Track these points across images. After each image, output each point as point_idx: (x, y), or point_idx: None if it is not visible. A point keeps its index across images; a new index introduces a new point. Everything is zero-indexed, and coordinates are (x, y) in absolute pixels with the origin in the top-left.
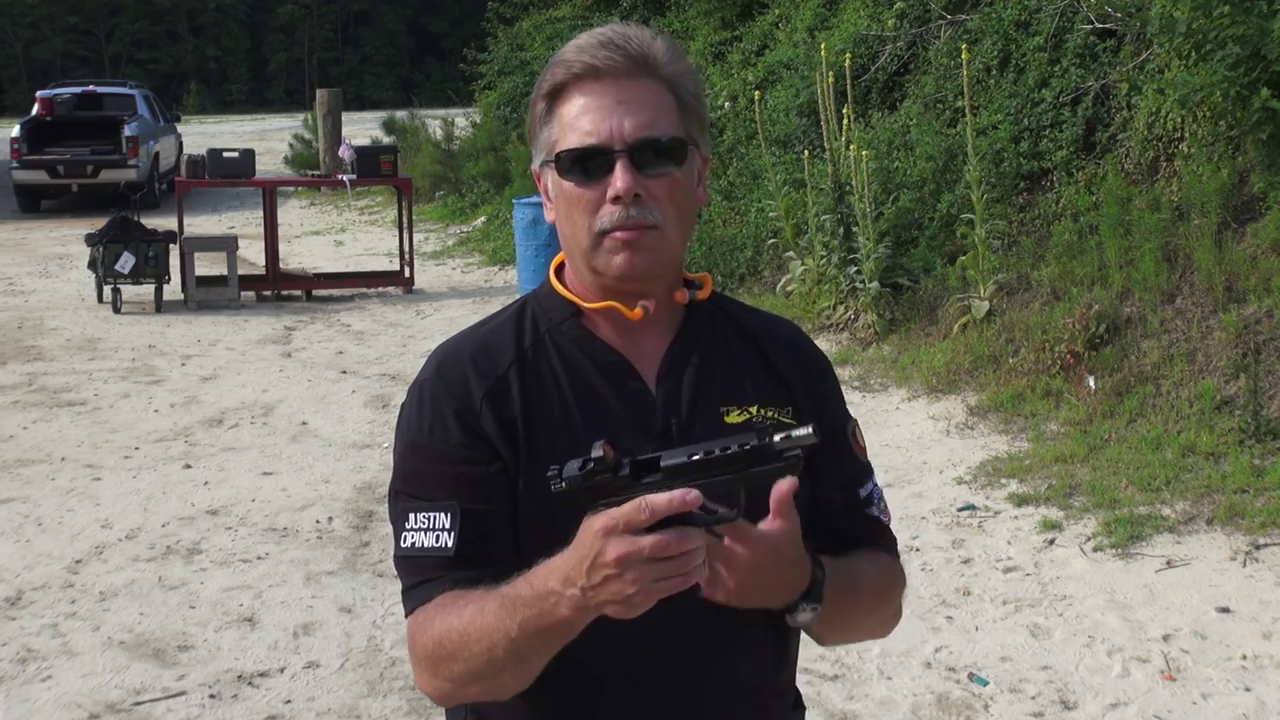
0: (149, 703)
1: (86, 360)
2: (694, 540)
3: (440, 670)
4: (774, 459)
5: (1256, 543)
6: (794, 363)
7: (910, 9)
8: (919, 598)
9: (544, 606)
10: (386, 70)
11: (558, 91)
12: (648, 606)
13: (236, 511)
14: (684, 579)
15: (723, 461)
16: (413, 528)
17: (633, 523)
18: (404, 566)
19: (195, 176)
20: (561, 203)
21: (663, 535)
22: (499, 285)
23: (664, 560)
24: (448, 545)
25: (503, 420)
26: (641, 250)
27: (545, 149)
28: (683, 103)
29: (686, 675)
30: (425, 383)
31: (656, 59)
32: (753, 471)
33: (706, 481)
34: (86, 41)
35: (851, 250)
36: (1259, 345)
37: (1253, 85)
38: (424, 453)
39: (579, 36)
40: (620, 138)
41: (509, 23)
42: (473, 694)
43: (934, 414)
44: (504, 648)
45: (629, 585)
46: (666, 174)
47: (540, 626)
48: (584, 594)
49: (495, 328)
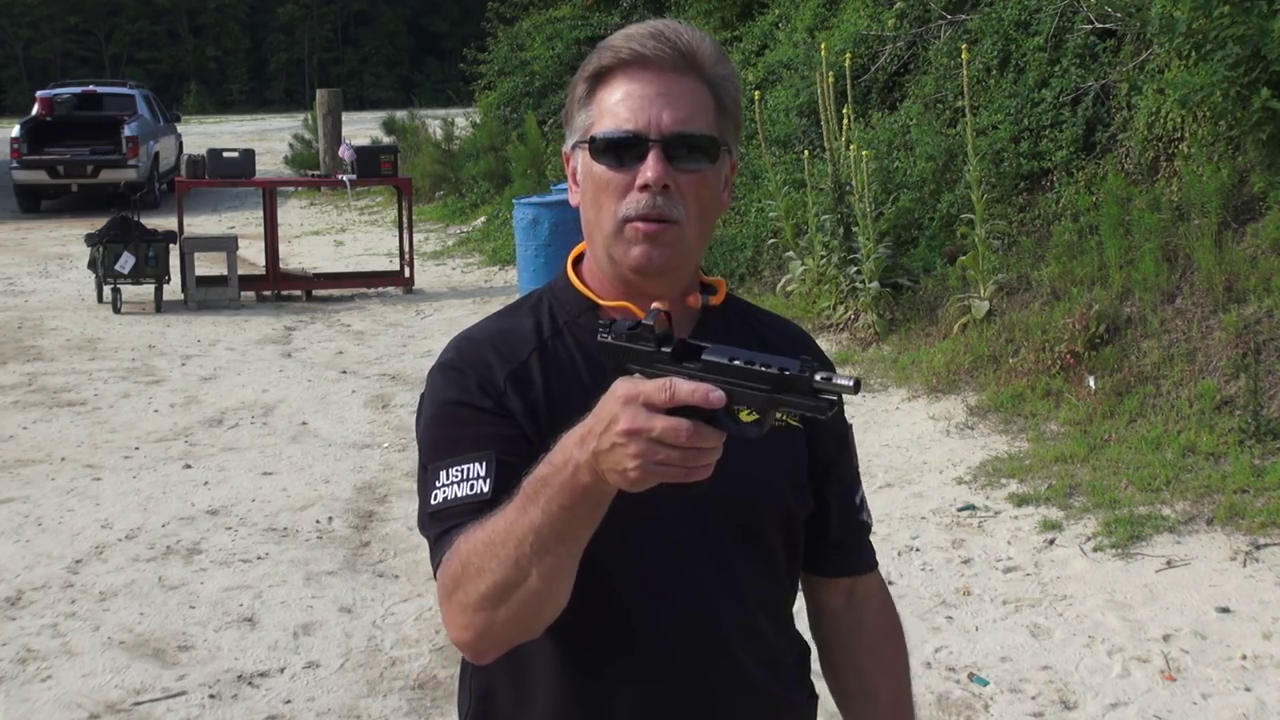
0: (149, 703)
1: (86, 360)
2: (706, 438)
3: (469, 593)
4: (807, 393)
5: (1256, 543)
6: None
7: (910, 9)
8: (919, 598)
9: (563, 476)
10: (386, 70)
11: (601, 75)
12: (645, 485)
13: (236, 511)
14: (685, 471)
15: (758, 376)
16: (445, 484)
17: (653, 399)
18: (434, 522)
19: (195, 176)
20: (590, 185)
21: (677, 421)
22: (499, 285)
23: (670, 446)
24: (484, 491)
25: (526, 401)
26: (661, 245)
27: (580, 130)
28: (721, 105)
29: (705, 629)
30: (446, 363)
31: (703, 58)
32: (783, 398)
33: (736, 388)
34: (86, 41)
35: (851, 250)
36: (1259, 345)
37: (1253, 85)
38: (451, 418)
39: (629, 26)
40: (657, 128)
41: (509, 23)
42: (504, 621)
43: (934, 414)
44: (530, 540)
45: (630, 458)
46: (697, 170)
47: (565, 503)
48: (595, 457)
49: (513, 318)
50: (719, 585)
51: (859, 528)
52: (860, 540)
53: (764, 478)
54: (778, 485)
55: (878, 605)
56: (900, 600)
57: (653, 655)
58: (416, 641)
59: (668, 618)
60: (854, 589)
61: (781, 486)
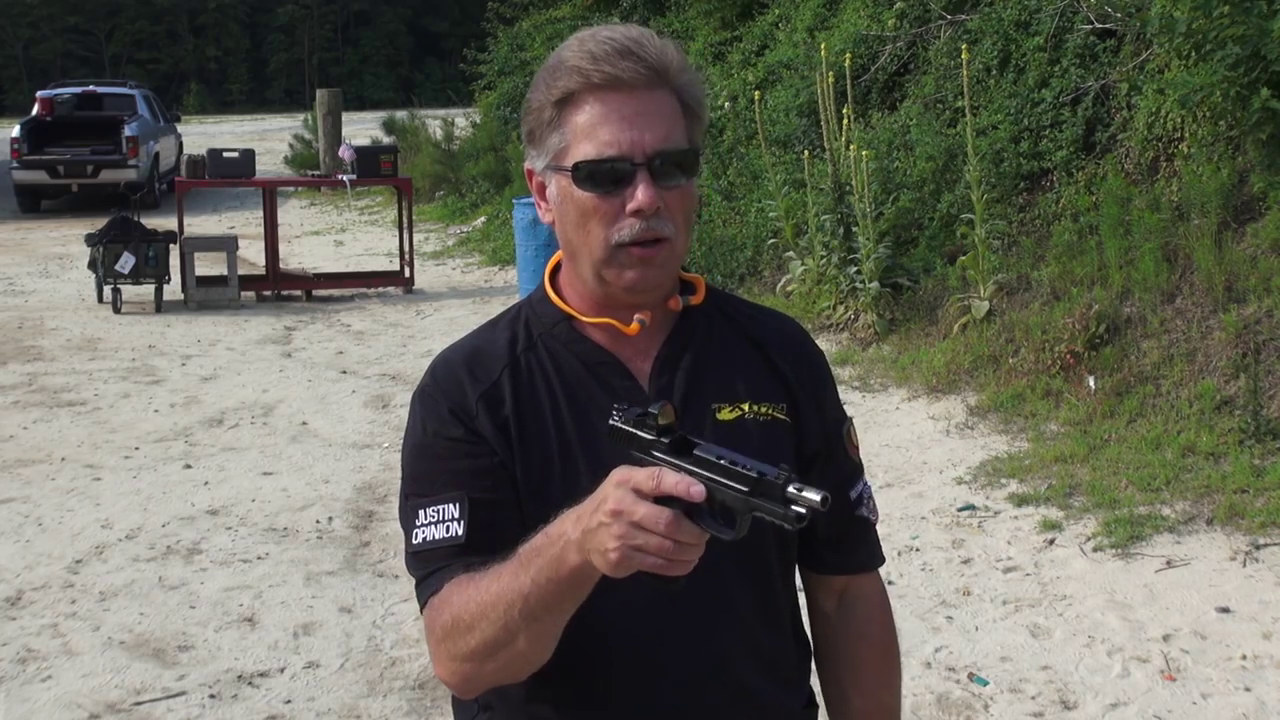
0: (149, 703)
1: (86, 360)
2: (685, 532)
3: (459, 646)
4: (779, 501)
5: (1256, 543)
6: (795, 361)
7: (910, 9)
8: (919, 598)
9: (555, 550)
10: (386, 70)
11: (569, 98)
12: (623, 570)
13: (236, 511)
14: (662, 563)
15: (739, 477)
16: (423, 523)
17: (641, 486)
18: (416, 563)
19: (195, 176)
20: (572, 211)
21: (659, 509)
22: (499, 285)
23: (649, 532)
24: (458, 534)
25: (497, 422)
26: (655, 267)
27: (552, 154)
28: (690, 110)
29: (695, 640)
30: (423, 389)
31: (671, 69)
32: (758, 501)
33: (718, 486)
34: (86, 41)
35: (851, 250)
36: (1259, 345)
37: (1253, 85)
38: (428, 452)
39: (584, 38)
40: (641, 150)
41: (509, 23)
42: (491, 672)
43: (934, 414)
44: (519, 607)
45: (612, 538)
46: (679, 185)
47: (552, 575)
48: (584, 535)
49: (489, 335)
50: (707, 589)
51: (855, 524)
52: (857, 537)
53: None
54: None
55: (867, 613)
56: (900, 600)
57: (641, 662)
58: (416, 641)
59: (657, 628)
60: (847, 589)
61: None
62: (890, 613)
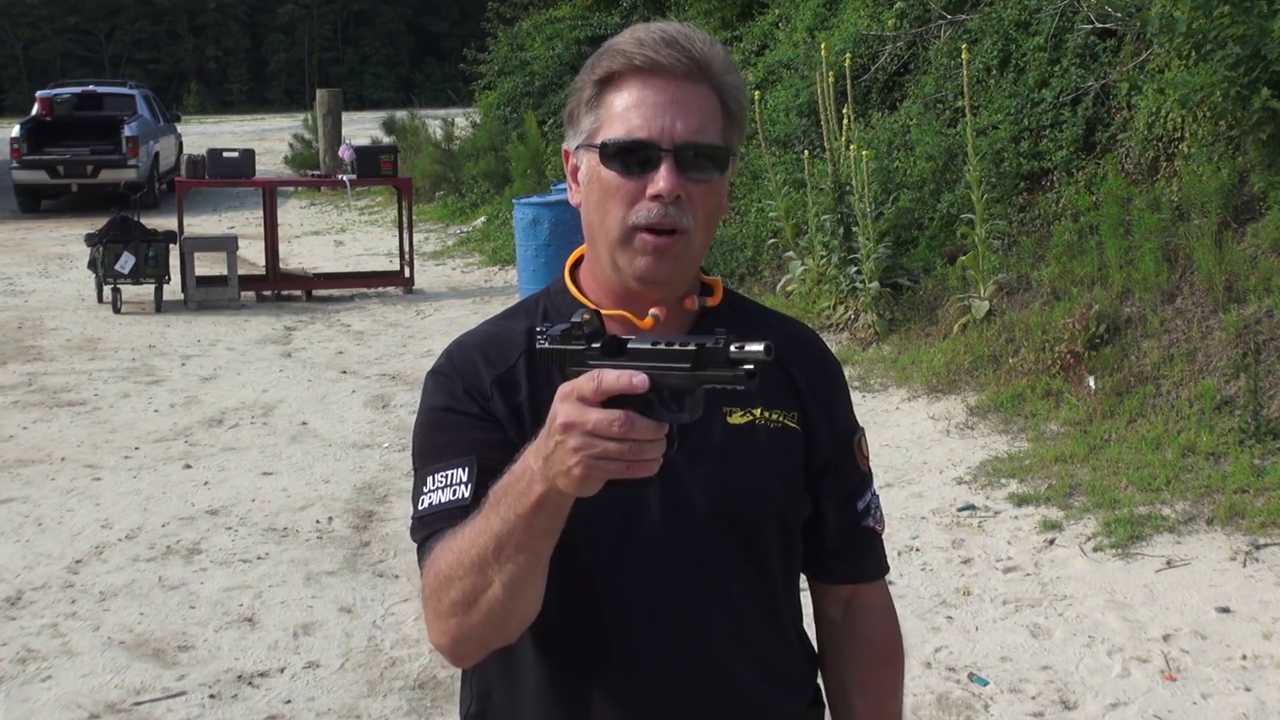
0: (149, 703)
1: (86, 360)
2: (641, 429)
3: (443, 601)
4: (724, 365)
5: (1256, 543)
6: (808, 370)
7: (910, 9)
8: (919, 598)
9: (520, 485)
10: (386, 70)
11: (611, 79)
12: (592, 485)
13: (236, 511)
14: (627, 466)
15: (678, 355)
16: (430, 489)
17: (584, 392)
18: (419, 527)
19: (195, 176)
20: (596, 189)
21: (610, 412)
22: (499, 285)
23: (605, 439)
24: (464, 497)
25: (511, 406)
26: (668, 259)
27: (586, 133)
28: (729, 112)
29: (687, 636)
30: (438, 369)
31: (715, 66)
32: (704, 374)
33: (660, 371)
34: (86, 41)
35: (851, 250)
36: (1259, 345)
37: (1253, 85)
38: (440, 423)
39: (636, 28)
40: (670, 137)
41: (509, 23)
42: (476, 626)
43: (934, 414)
44: (491, 548)
45: (571, 454)
46: (707, 180)
47: (521, 510)
48: (545, 462)
49: (507, 323)
50: (708, 592)
51: (862, 535)
52: (864, 548)
53: (755, 480)
54: (770, 488)
55: (873, 620)
56: (900, 600)
57: (636, 662)
58: (416, 641)
59: (652, 625)
60: (854, 598)
61: (774, 489)
62: (896, 621)
